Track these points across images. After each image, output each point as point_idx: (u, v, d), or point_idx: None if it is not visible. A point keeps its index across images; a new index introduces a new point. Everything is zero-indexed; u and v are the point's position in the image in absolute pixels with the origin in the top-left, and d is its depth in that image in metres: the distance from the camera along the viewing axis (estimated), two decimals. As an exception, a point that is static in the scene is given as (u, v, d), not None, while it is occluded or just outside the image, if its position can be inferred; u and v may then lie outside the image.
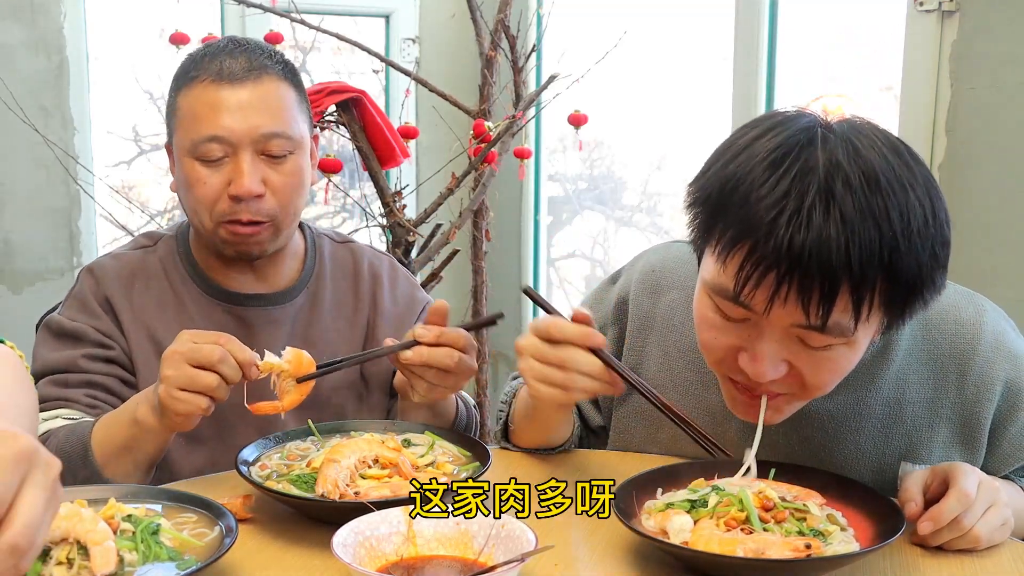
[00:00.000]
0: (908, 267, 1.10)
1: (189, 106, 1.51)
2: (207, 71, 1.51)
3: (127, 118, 3.77)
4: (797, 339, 1.16)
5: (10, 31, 3.15)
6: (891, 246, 1.08)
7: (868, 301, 1.10)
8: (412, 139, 2.84)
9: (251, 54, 1.54)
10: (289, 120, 1.53)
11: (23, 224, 3.24)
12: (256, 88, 1.51)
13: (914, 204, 1.11)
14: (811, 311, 1.10)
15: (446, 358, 1.39)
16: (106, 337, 1.56)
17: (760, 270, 1.10)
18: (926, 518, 1.17)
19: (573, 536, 1.22)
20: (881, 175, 1.10)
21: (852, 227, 1.07)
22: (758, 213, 1.10)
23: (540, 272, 3.82)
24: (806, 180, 1.09)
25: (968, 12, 2.25)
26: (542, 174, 3.77)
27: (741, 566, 1.09)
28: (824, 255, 1.07)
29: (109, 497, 1.12)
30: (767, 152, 1.13)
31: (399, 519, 1.11)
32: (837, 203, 1.08)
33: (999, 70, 2.21)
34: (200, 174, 1.51)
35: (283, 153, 1.52)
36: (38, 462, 0.84)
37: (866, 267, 1.08)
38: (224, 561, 1.07)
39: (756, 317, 1.15)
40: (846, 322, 1.12)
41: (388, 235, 2.78)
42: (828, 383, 1.21)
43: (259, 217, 1.52)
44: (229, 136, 1.49)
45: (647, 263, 1.52)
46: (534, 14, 3.44)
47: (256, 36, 3.19)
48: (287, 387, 1.37)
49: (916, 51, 2.36)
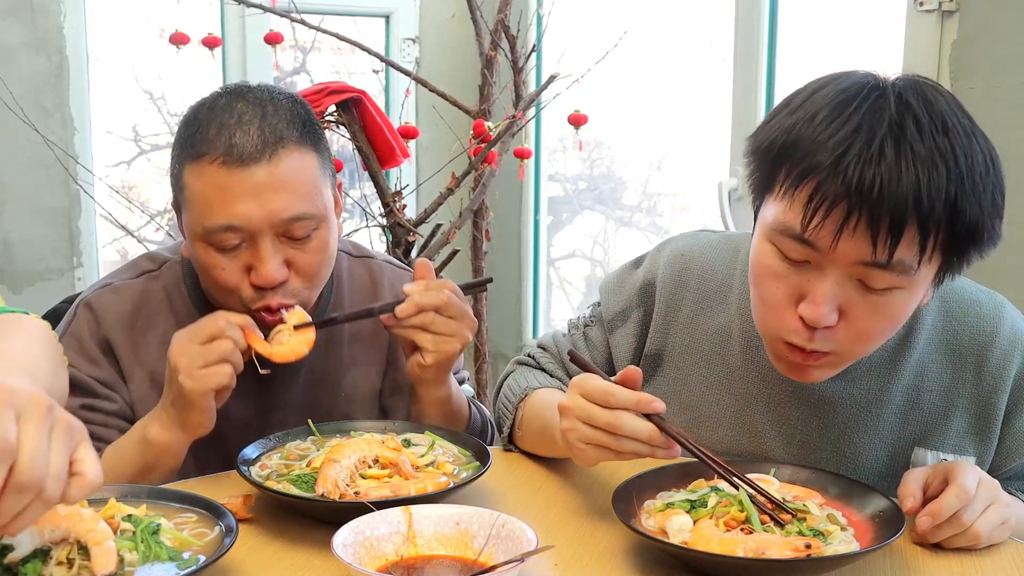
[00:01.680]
0: (971, 208, 1.13)
1: (198, 189, 1.35)
2: (215, 148, 1.34)
3: (127, 118, 3.77)
4: (857, 282, 1.16)
5: (10, 31, 3.15)
6: (957, 185, 1.12)
7: (933, 238, 1.13)
8: (412, 139, 2.84)
9: (264, 121, 1.35)
10: (313, 196, 1.38)
11: (23, 224, 3.24)
12: (273, 167, 1.34)
13: (977, 150, 1.15)
14: (879, 245, 1.12)
15: (438, 295, 1.37)
16: (107, 388, 1.47)
17: (829, 202, 1.12)
18: (925, 513, 1.18)
19: (573, 536, 1.22)
20: (948, 119, 1.14)
21: (922, 163, 1.10)
22: (826, 149, 1.12)
23: (540, 272, 3.82)
24: (877, 117, 1.13)
25: (968, 12, 2.25)
26: (542, 174, 3.77)
27: (741, 566, 1.09)
28: (894, 189, 1.10)
29: (109, 497, 1.12)
30: (835, 95, 1.17)
31: (399, 519, 1.11)
32: (908, 140, 1.11)
33: (999, 70, 2.20)
34: (217, 261, 1.37)
35: (307, 233, 1.38)
36: (21, 398, 0.86)
37: (935, 203, 1.11)
38: (224, 561, 1.07)
39: (818, 258, 1.16)
40: (910, 259, 1.14)
41: (388, 235, 2.78)
42: (880, 333, 1.21)
43: (287, 301, 1.39)
44: (245, 225, 1.34)
45: (676, 247, 1.51)
46: (534, 14, 3.44)
47: (256, 36, 3.21)
48: (282, 338, 1.35)
49: (916, 51, 2.36)
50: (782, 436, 1.39)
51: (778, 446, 1.39)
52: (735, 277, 1.45)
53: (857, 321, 1.18)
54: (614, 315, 1.51)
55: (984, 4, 2.23)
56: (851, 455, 1.37)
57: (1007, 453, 1.35)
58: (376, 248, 2.80)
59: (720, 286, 1.46)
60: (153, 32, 3.51)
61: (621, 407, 1.18)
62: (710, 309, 1.45)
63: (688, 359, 1.46)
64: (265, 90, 1.42)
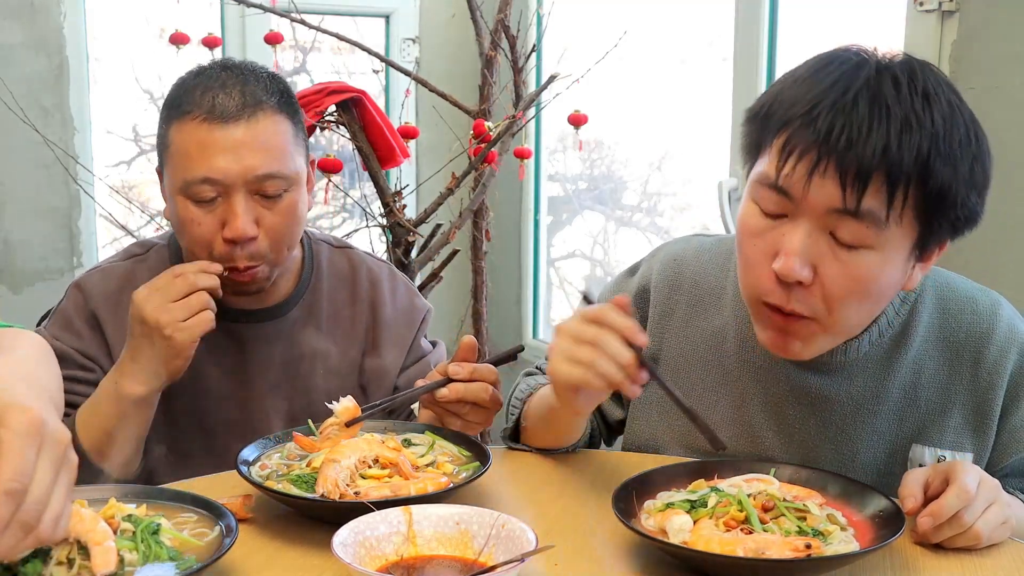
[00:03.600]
0: (944, 171, 1.15)
1: (180, 143, 1.46)
2: (199, 107, 1.45)
3: (127, 118, 3.77)
4: (829, 236, 1.19)
5: (10, 31, 3.15)
6: (931, 145, 1.14)
7: (902, 194, 1.15)
8: (412, 139, 2.84)
9: (245, 86, 1.47)
10: (285, 158, 1.48)
11: (23, 224, 3.24)
12: (250, 127, 1.45)
13: (958, 121, 1.17)
14: (847, 191, 1.15)
15: (481, 392, 1.40)
16: (89, 360, 1.55)
17: (800, 149, 1.17)
18: (926, 513, 1.18)
19: (573, 536, 1.22)
20: (931, 89, 1.17)
21: (895, 120, 1.14)
22: (802, 102, 1.18)
23: (540, 272, 3.82)
24: (854, 75, 1.17)
25: (968, 12, 2.25)
26: (542, 174, 3.77)
27: (741, 566, 1.09)
28: (863, 139, 1.13)
29: (109, 497, 1.12)
30: (817, 59, 1.23)
31: (399, 519, 1.11)
32: (883, 97, 1.15)
33: (999, 70, 2.20)
34: (193, 214, 1.47)
35: (278, 193, 1.48)
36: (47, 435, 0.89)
37: (904, 156, 1.14)
38: (224, 561, 1.07)
39: (792, 208, 1.20)
40: (878, 210, 1.16)
41: (388, 235, 2.77)
42: (853, 298, 1.21)
43: (254, 261, 1.49)
44: (222, 178, 1.44)
45: (669, 253, 1.53)
46: (534, 14, 3.44)
47: (256, 36, 3.21)
48: (331, 432, 1.35)
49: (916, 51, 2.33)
50: (780, 435, 1.40)
51: (776, 445, 1.40)
52: (728, 279, 1.46)
53: (829, 281, 1.20)
54: None
55: (984, 4, 2.22)
56: (849, 453, 1.37)
57: (1003, 449, 1.36)
58: (376, 248, 2.81)
59: (714, 288, 1.47)
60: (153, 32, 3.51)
61: (610, 327, 1.23)
62: (705, 312, 1.47)
63: (684, 362, 1.47)
64: (248, 64, 1.55)
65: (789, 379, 1.38)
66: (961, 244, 1.27)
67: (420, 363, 1.70)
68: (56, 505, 0.89)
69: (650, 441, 1.50)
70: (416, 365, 1.70)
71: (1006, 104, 2.18)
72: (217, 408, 1.58)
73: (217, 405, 1.58)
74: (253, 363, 1.61)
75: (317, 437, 1.35)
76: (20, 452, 0.87)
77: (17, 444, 0.87)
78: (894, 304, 1.35)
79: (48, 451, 0.89)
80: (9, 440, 0.87)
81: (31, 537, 0.88)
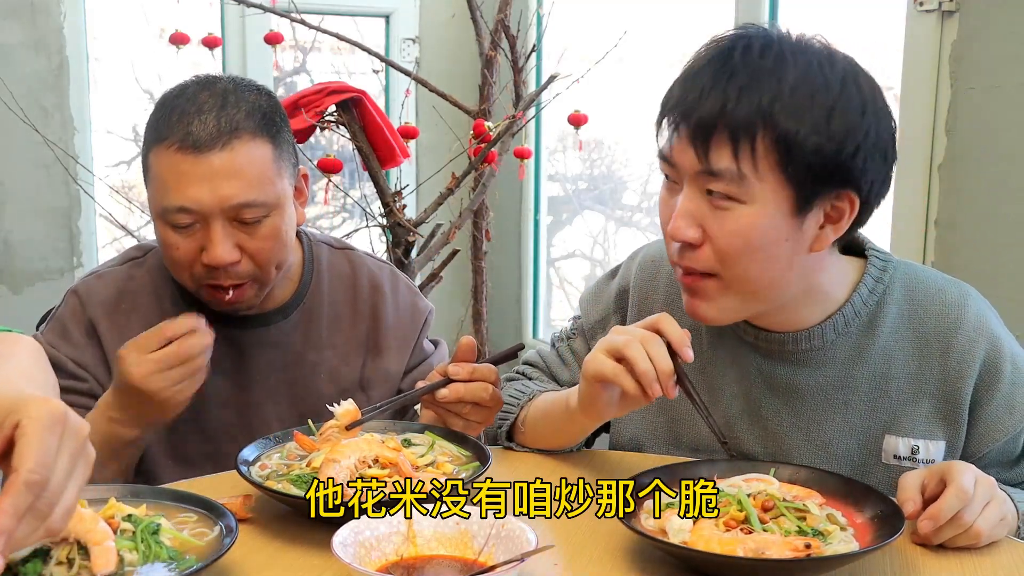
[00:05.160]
0: (787, 122, 1.20)
1: (157, 170, 1.44)
2: (174, 134, 1.42)
3: (127, 118, 3.77)
4: (707, 195, 1.26)
5: (10, 31, 3.15)
6: (772, 98, 1.21)
7: (747, 147, 1.21)
8: (412, 139, 2.84)
9: (222, 111, 1.43)
10: (263, 185, 1.45)
11: (23, 224, 3.24)
12: (224, 155, 1.42)
13: (815, 75, 1.22)
14: (697, 151, 1.24)
15: (481, 392, 1.40)
16: (82, 369, 1.55)
17: (665, 120, 1.29)
18: (926, 516, 1.18)
19: (573, 536, 1.22)
20: (787, 51, 1.24)
21: (735, 79, 1.22)
22: (677, 80, 1.29)
23: (540, 272, 3.82)
24: (717, 47, 1.27)
25: (968, 12, 2.25)
26: (542, 174, 3.77)
27: (741, 566, 1.09)
28: (704, 101, 1.23)
29: (109, 497, 1.12)
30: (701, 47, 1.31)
31: (399, 519, 1.11)
32: (731, 63, 1.24)
33: (999, 70, 2.20)
34: (172, 239, 1.46)
35: (256, 219, 1.45)
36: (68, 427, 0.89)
37: (742, 111, 1.21)
38: (224, 561, 1.07)
39: (677, 175, 1.29)
40: (730, 165, 1.22)
41: (388, 235, 2.77)
42: (739, 254, 1.26)
43: (239, 280, 1.48)
44: (197, 208, 1.42)
45: (647, 254, 1.57)
46: (534, 14, 3.44)
47: (256, 36, 3.21)
48: (331, 435, 1.35)
49: (916, 51, 2.36)
50: (755, 428, 1.42)
51: (751, 439, 1.42)
52: None
53: (715, 237, 1.26)
54: (593, 324, 1.57)
55: (984, 4, 2.22)
56: (822, 443, 1.39)
57: (980, 439, 1.36)
58: (376, 249, 2.81)
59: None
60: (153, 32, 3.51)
61: (665, 335, 1.28)
62: (680, 309, 1.47)
63: None
64: (231, 81, 1.51)
65: (760, 371, 1.41)
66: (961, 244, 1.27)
67: (423, 365, 1.69)
68: (69, 498, 0.89)
69: (633, 440, 1.51)
70: (420, 367, 1.69)
71: (1006, 104, 2.18)
72: (218, 414, 1.58)
73: (218, 411, 1.58)
74: (254, 368, 1.60)
75: (317, 438, 1.35)
76: (42, 442, 0.86)
77: (40, 434, 0.86)
78: (861, 294, 1.37)
79: (68, 443, 0.89)
80: (32, 430, 0.86)
81: (42, 528, 0.87)
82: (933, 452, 1.35)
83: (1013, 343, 1.39)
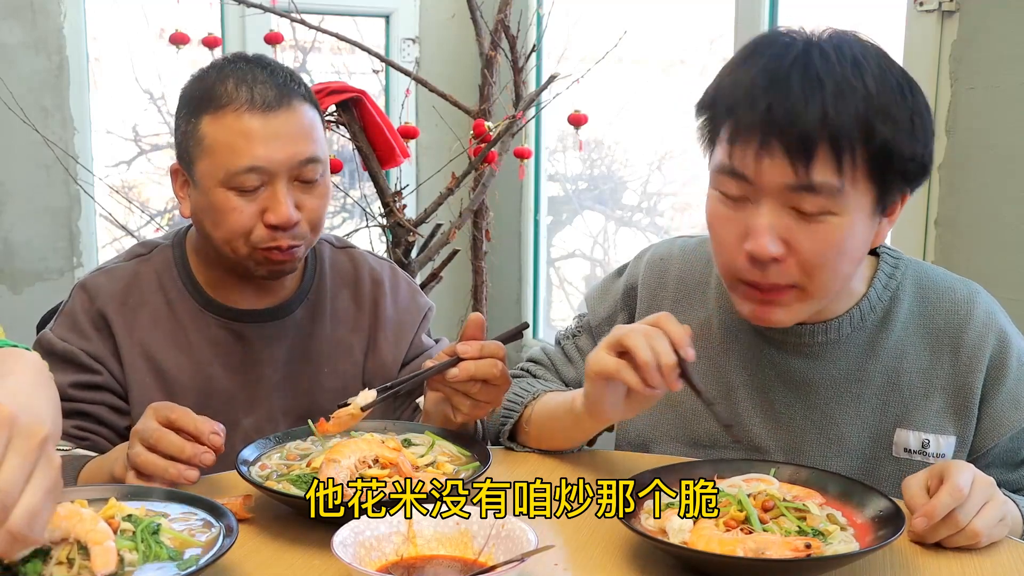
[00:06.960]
0: (884, 129, 1.19)
1: (221, 135, 1.47)
2: (238, 99, 1.47)
3: (127, 118, 3.77)
4: (792, 210, 1.23)
5: (10, 31, 3.15)
6: (868, 104, 1.19)
7: (851, 158, 1.19)
8: (412, 139, 2.84)
9: (276, 78, 1.51)
10: (321, 143, 1.53)
11: (23, 224, 3.24)
12: (290, 115, 1.48)
13: (890, 79, 1.22)
14: (797, 167, 1.19)
15: (491, 368, 1.38)
16: (96, 361, 1.54)
17: (746, 133, 1.22)
18: (920, 514, 1.18)
19: (573, 536, 1.22)
20: (858, 55, 1.23)
21: (829, 88, 1.19)
22: (742, 86, 1.23)
23: (540, 272, 3.82)
24: (783, 55, 1.23)
25: (968, 12, 2.25)
26: (542, 174, 3.77)
27: (741, 566, 1.09)
28: (801, 113, 1.18)
29: (109, 497, 1.12)
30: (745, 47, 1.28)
31: (399, 519, 1.11)
32: (815, 70, 1.20)
33: (999, 70, 2.20)
34: (235, 203, 1.48)
35: (315, 177, 1.51)
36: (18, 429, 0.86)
37: (844, 122, 1.18)
38: (224, 561, 1.07)
39: (752, 191, 1.24)
40: (831, 179, 1.20)
41: (388, 235, 2.78)
42: (829, 262, 1.25)
43: (296, 241, 1.51)
44: (268, 166, 1.46)
45: (655, 253, 1.57)
46: (534, 14, 3.44)
47: (256, 36, 3.21)
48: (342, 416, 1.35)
49: (916, 51, 2.36)
50: (767, 422, 1.42)
51: (764, 433, 1.42)
52: (712, 274, 1.49)
53: (802, 251, 1.24)
54: (601, 321, 1.58)
55: (984, 4, 2.22)
56: (835, 437, 1.40)
57: (986, 433, 1.38)
58: (376, 248, 2.81)
59: (699, 283, 1.51)
60: (153, 32, 3.51)
61: (669, 334, 1.25)
62: (690, 306, 1.50)
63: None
64: (264, 58, 1.57)
65: (774, 364, 1.42)
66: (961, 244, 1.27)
67: (421, 357, 1.70)
68: (29, 500, 0.85)
69: (640, 437, 1.51)
70: (417, 360, 1.70)
71: (1006, 104, 2.18)
72: (224, 408, 1.58)
73: (223, 405, 1.58)
74: (259, 362, 1.61)
75: (317, 436, 1.36)
76: None
77: None
78: (876, 289, 1.39)
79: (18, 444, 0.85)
80: None
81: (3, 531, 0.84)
82: (944, 446, 1.37)
83: (1020, 339, 1.40)
